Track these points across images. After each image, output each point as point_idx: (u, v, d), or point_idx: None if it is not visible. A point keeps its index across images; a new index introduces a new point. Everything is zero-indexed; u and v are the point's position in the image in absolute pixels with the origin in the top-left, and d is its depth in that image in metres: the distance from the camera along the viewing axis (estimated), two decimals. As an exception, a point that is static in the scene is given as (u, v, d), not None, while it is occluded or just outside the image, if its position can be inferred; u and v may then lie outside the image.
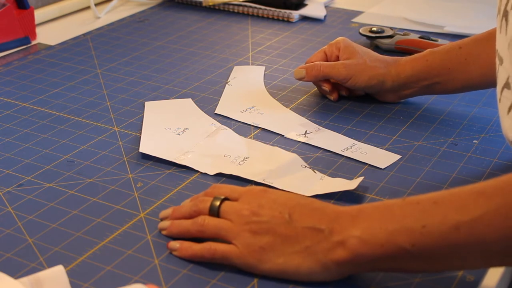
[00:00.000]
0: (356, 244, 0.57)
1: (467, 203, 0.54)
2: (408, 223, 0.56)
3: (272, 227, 0.60)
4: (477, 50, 0.86)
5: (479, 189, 0.55)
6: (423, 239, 0.55)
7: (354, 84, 0.91)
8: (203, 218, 0.64)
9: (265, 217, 0.61)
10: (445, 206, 0.55)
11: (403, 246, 0.55)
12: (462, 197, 0.55)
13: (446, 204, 0.55)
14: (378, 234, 0.56)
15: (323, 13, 1.30)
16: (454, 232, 0.54)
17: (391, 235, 0.56)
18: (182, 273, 0.62)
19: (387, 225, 0.56)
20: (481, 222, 0.53)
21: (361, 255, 0.57)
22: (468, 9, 1.31)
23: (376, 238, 0.56)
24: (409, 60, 0.91)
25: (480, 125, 0.89)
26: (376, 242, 0.56)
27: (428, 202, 0.56)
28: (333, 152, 0.82)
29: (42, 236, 0.68)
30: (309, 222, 0.60)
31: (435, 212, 0.55)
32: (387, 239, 0.56)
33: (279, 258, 0.60)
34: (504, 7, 0.66)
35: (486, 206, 0.53)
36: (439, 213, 0.55)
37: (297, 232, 0.60)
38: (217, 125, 0.88)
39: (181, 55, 1.12)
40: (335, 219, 0.59)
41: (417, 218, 0.56)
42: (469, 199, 0.55)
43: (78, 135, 0.87)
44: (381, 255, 0.57)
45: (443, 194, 0.57)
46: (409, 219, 0.56)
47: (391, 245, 0.56)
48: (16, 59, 1.11)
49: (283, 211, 0.61)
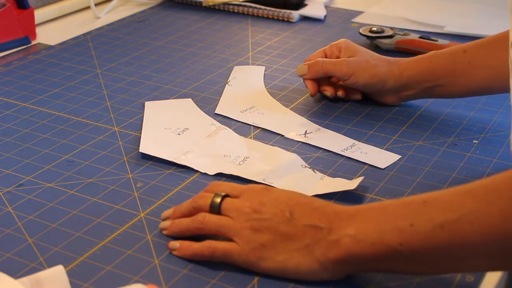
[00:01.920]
0: (349, 243, 0.57)
1: (454, 202, 0.54)
2: (399, 223, 0.56)
3: (273, 224, 0.61)
4: (481, 54, 0.85)
5: (467, 188, 0.55)
6: (410, 238, 0.55)
7: (355, 82, 0.90)
8: (203, 215, 0.64)
9: (266, 214, 0.61)
10: (433, 205, 0.56)
11: (392, 246, 0.56)
12: (450, 196, 0.55)
13: (434, 203, 0.56)
14: (370, 234, 0.57)
15: (323, 13, 1.30)
16: (439, 230, 0.54)
17: (382, 234, 0.56)
18: (182, 273, 0.62)
19: (380, 225, 0.57)
20: (464, 221, 0.53)
21: (353, 254, 0.57)
22: (468, 9, 1.31)
23: (368, 238, 0.57)
24: (412, 61, 0.90)
25: (480, 125, 0.88)
26: (368, 242, 0.57)
27: (419, 201, 0.57)
28: (333, 152, 0.82)
29: (42, 236, 0.68)
30: (309, 221, 0.60)
31: (423, 212, 0.55)
32: (378, 238, 0.56)
33: (279, 256, 0.60)
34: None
35: (471, 205, 0.53)
36: (426, 212, 0.55)
37: (298, 230, 0.60)
38: (217, 125, 0.88)
39: (181, 55, 1.12)
40: (334, 218, 0.60)
41: (407, 218, 0.56)
42: (456, 198, 0.55)
43: (78, 135, 0.87)
44: (373, 254, 0.57)
45: (434, 194, 0.57)
46: (400, 219, 0.56)
47: (381, 244, 0.56)
48: (16, 59, 1.11)
49: (284, 209, 0.61)
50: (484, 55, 0.85)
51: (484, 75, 0.85)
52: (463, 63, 0.86)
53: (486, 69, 0.84)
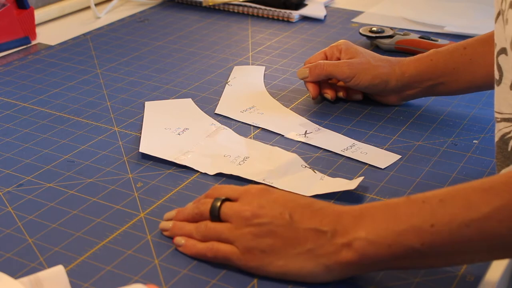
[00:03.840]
0: (364, 246, 0.57)
1: (475, 200, 0.54)
2: (416, 223, 0.56)
3: (273, 229, 0.60)
4: (482, 50, 0.86)
5: (486, 185, 0.55)
6: (433, 238, 0.55)
7: (358, 83, 0.90)
8: (205, 224, 0.64)
9: (266, 218, 0.61)
10: (452, 204, 0.55)
11: (413, 246, 0.55)
12: (470, 194, 0.55)
13: (453, 202, 0.55)
14: (385, 235, 0.56)
15: (323, 13, 1.30)
16: (465, 229, 0.54)
17: (399, 235, 0.56)
18: (182, 273, 0.62)
19: (393, 225, 0.56)
20: (492, 218, 0.53)
21: (368, 256, 0.57)
22: (468, 9, 1.31)
23: (383, 239, 0.56)
24: (413, 60, 0.90)
25: (480, 125, 0.88)
26: (383, 243, 0.56)
27: (434, 200, 0.56)
28: (333, 152, 0.82)
29: (42, 236, 0.68)
30: (310, 224, 0.60)
31: (443, 211, 0.55)
32: (394, 239, 0.56)
33: (280, 261, 0.60)
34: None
35: (495, 202, 0.54)
36: (447, 212, 0.55)
37: (299, 234, 0.59)
38: (217, 125, 0.88)
39: (181, 55, 1.12)
40: (337, 220, 0.59)
41: (424, 217, 0.55)
42: (476, 196, 0.55)
43: (78, 135, 0.87)
44: (389, 255, 0.57)
45: (449, 192, 0.57)
46: (416, 218, 0.56)
47: (399, 245, 0.56)
48: (16, 59, 1.11)
49: (283, 211, 0.61)
50: (484, 52, 0.85)
51: (485, 71, 0.85)
52: (464, 60, 0.87)
53: (486, 65, 0.84)
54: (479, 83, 0.87)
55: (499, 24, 0.66)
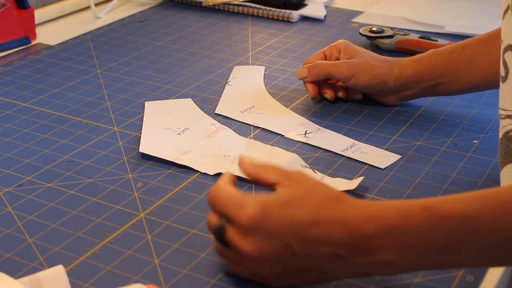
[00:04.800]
0: (389, 269, 0.56)
1: (505, 216, 0.53)
2: (444, 243, 0.54)
3: (282, 267, 0.57)
4: (481, 50, 0.85)
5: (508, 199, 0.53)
6: (463, 257, 0.55)
7: (356, 83, 0.90)
8: (216, 247, 0.62)
9: (269, 264, 0.57)
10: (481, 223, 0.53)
11: (441, 262, 0.55)
12: (494, 211, 0.53)
13: (482, 220, 0.53)
14: (410, 257, 0.55)
15: (323, 13, 1.30)
16: (507, 246, 0.53)
17: (426, 256, 0.55)
18: (182, 273, 0.62)
19: (420, 246, 0.54)
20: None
21: (393, 274, 0.58)
22: (468, 9, 1.31)
23: (409, 262, 0.55)
24: (412, 60, 0.90)
25: (480, 125, 0.88)
26: (410, 265, 0.56)
27: (458, 218, 0.53)
28: (333, 152, 0.82)
29: (42, 236, 0.68)
30: (324, 249, 0.55)
31: (472, 230, 0.53)
32: (419, 261, 0.55)
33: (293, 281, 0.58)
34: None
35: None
36: (478, 230, 0.53)
37: (311, 260, 0.56)
38: (217, 125, 0.88)
39: (181, 55, 1.13)
40: (352, 243, 0.55)
41: (453, 238, 0.53)
42: (503, 211, 0.53)
43: (78, 135, 0.87)
44: (415, 270, 0.58)
45: (471, 207, 0.54)
46: (443, 238, 0.53)
47: (425, 265, 0.56)
48: (16, 59, 1.11)
49: (286, 244, 0.55)
50: (483, 52, 0.85)
51: (484, 71, 0.85)
52: (463, 60, 0.86)
53: (485, 65, 0.84)
54: (478, 83, 0.87)
55: (506, 20, 0.65)
